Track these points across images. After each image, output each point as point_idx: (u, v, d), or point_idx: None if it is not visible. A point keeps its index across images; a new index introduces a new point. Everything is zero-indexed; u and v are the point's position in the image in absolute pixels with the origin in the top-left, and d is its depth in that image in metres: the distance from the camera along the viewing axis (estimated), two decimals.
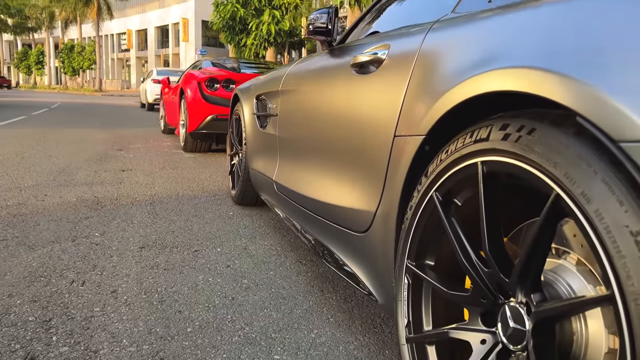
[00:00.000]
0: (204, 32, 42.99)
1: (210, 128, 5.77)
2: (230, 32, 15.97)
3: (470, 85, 0.95)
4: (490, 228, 0.92)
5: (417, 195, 1.13)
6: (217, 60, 7.23)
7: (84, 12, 40.71)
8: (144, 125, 10.38)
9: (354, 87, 1.60)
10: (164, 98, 8.41)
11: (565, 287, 0.88)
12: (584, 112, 0.70)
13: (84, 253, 2.32)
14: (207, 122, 5.69)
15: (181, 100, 6.41)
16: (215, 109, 5.66)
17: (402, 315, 1.18)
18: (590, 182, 0.70)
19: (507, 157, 0.86)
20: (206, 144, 6.32)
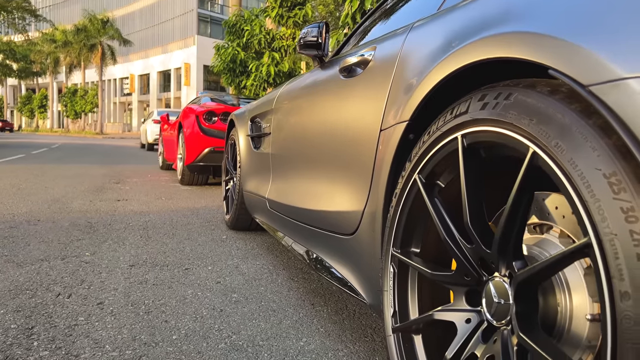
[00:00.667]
0: (205, 77, 43.86)
1: (207, 160, 5.79)
2: (231, 74, 16.26)
3: (446, 64, 0.97)
4: (472, 201, 0.92)
5: (401, 181, 1.13)
6: (216, 96, 7.35)
7: (88, 57, 41.65)
8: (142, 162, 10.43)
9: (341, 91, 1.62)
10: (163, 135, 8.49)
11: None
12: (555, 64, 0.71)
13: (72, 270, 2.29)
14: (205, 155, 5.72)
15: (179, 134, 6.47)
16: (213, 142, 5.71)
17: (388, 306, 1.15)
18: (563, 133, 0.70)
19: (485, 126, 0.87)
20: (203, 177, 6.34)
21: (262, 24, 14.65)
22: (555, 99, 0.74)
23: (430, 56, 1.09)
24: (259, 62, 14.63)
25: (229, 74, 16.09)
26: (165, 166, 8.57)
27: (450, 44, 1.00)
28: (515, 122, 0.79)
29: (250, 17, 15.25)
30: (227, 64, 15.89)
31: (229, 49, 15.50)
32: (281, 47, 14.07)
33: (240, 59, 15.41)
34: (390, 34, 1.48)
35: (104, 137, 36.56)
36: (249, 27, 14.68)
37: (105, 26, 39.75)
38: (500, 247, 0.84)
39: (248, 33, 14.49)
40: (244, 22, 15.22)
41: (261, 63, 14.43)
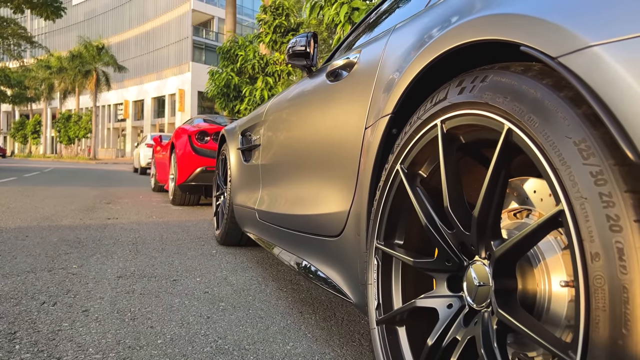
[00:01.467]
0: (200, 102, 44.10)
1: (199, 180, 5.79)
2: (225, 99, 16.39)
3: (423, 57, 1.00)
4: (452, 186, 0.93)
5: (385, 173, 1.14)
6: (209, 117, 7.39)
7: (82, 83, 41.80)
8: (134, 185, 10.40)
9: (328, 95, 1.64)
10: (156, 157, 8.49)
11: None
12: (526, 41, 0.73)
13: (59, 281, 2.27)
14: (197, 174, 5.72)
15: (171, 155, 6.47)
16: (205, 161, 5.71)
17: (373, 298, 1.15)
18: (536, 107, 0.72)
19: (463, 109, 0.88)
20: (195, 197, 6.32)
21: (256, 50, 14.84)
22: (528, 76, 0.76)
23: (408, 52, 1.12)
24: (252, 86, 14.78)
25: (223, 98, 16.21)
26: (157, 188, 8.55)
27: (425, 38, 1.03)
28: (491, 102, 0.81)
29: (244, 43, 15.45)
30: (221, 89, 16.02)
31: (222, 74, 15.65)
32: (275, 72, 14.23)
33: (234, 84, 15.54)
34: (375, 38, 1.51)
35: (97, 162, 36.48)
36: (243, 53, 14.86)
37: (100, 53, 40.05)
38: (479, 227, 0.85)
39: (242, 58, 14.66)
40: (238, 47, 15.41)
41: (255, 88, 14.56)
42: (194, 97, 43.90)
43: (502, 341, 0.81)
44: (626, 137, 0.57)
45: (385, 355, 1.08)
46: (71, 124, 44.17)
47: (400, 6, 1.81)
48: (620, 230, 0.58)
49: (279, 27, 13.77)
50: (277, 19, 13.77)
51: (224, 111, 16.75)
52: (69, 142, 45.74)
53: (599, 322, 0.59)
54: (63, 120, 44.65)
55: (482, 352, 0.80)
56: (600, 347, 0.59)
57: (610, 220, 0.59)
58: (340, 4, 7.34)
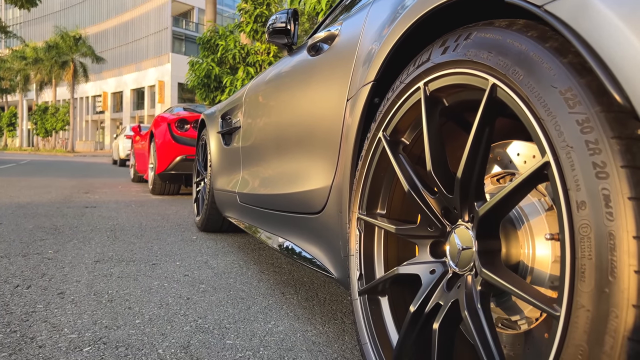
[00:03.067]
0: (180, 94, 43.61)
1: (179, 169, 5.71)
2: (206, 89, 16.22)
3: (405, 19, 0.97)
4: (434, 149, 0.91)
5: (367, 142, 1.12)
6: (189, 105, 7.30)
7: (59, 75, 40.96)
8: (113, 176, 10.24)
9: (309, 70, 1.61)
10: (135, 147, 8.37)
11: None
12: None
13: (33, 265, 2.21)
14: (177, 163, 5.64)
15: (151, 144, 6.38)
16: (185, 150, 5.64)
17: (355, 269, 1.13)
18: (520, 60, 0.70)
19: (447, 69, 0.86)
20: (175, 187, 6.24)
21: (237, 39, 14.69)
22: (513, 30, 0.74)
23: (389, 17, 1.10)
24: (233, 77, 14.65)
25: (204, 89, 16.04)
26: (137, 178, 8.43)
27: (406, 2, 1.01)
28: (475, 59, 0.79)
29: (224, 33, 15.28)
30: (202, 80, 15.85)
31: (203, 64, 15.47)
32: (256, 62, 14.11)
33: (215, 74, 15.38)
34: (356, 9, 1.49)
35: (75, 155, 35.89)
36: (224, 42, 14.69)
37: (77, 43, 39.27)
38: (462, 189, 0.83)
39: (222, 48, 14.50)
40: (218, 37, 15.23)
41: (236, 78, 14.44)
42: (174, 88, 43.41)
43: (486, 303, 0.79)
44: (615, 82, 0.56)
45: (367, 325, 1.06)
46: (48, 116, 43.35)
47: None
48: (607, 177, 0.57)
49: (260, 17, 13.64)
50: (258, 8, 13.64)
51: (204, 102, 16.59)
52: (46, 135, 44.91)
53: (585, 272, 0.58)
54: (40, 113, 43.80)
55: (466, 314, 0.79)
56: (586, 296, 0.58)
57: (597, 168, 0.58)
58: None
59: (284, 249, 1.81)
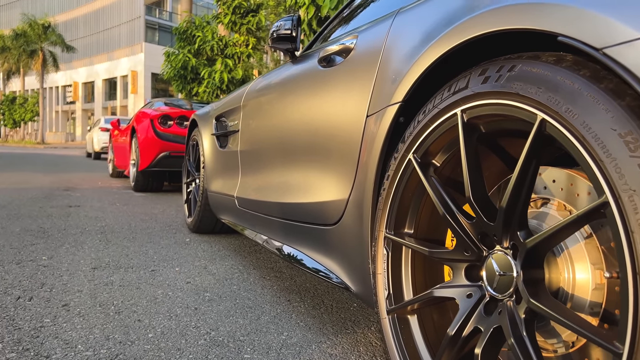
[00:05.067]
0: (154, 84, 42.88)
1: (163, 165, 5.65)
2: (182, 81, 15.99)
3: (443, 42, 0.98)
4: (473, 176, 0.92)
5: (394, 162, 1.13)
6: (170, 100, 7.19)
7: (28, 64, 39.78)
8: (91, 170, 10.05)
9: (321, 81, 1.61)
10: (114, 141, 8.21)
11: None
12: (565, 32, 0.72)
13: (30, 274, 2.16)
14: (160, 159, 5.57)
15: (132, 139, 6.27)
16: (169, 146, 5.57)
17: (382, 288, 1.14)
18: (574, 99, 0.72)
19: (488, 99, 0.88)
20: (158, 183, 6.16)
21: (215, 31, 14.50)
22: (563, 67, 0.75)
23: (422, 37, 1.10)
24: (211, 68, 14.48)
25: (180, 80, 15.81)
26: (116, 173, 8.29)
27: (444, 23, 1.01)
28: (522, 92, 0.80)
29: (201, 24, 15.05)
30: (178, 71, 15.62)
31: (179, 55, 15.23)
32: (234, 54, 13.97)
33: (192, 66, 15.17)
34: (372, 23, 1.49)
35: (46, 146, 35.04)
36: (201, 34, 14.48)
37: (46, 32, 38.16)
38: (505, 218, 0.85)
39: (200, 39, 14.28)
40: (195, 28, 15.00)
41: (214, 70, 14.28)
42: (147, 78, 42.68)
43: (531, 330, 0.82)
44: None
45: (398, 345, 1.08)
46: (16, 106, 42.16)
47: None
48: None
49: (239, 8, 13.49)
50: (236, 0, 13.47)
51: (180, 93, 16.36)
52: (15, 126, 43.71)
53: None
54: (7, 103, 42.55)
55: (512, 342, 0.80)
56: None
57: None
58: None
59: (291, 257, 1.81)
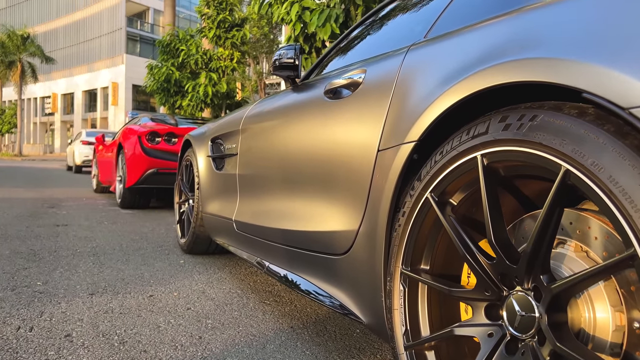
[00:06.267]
0: (135, 96, 42.56)
1: (150, 182, 5.61)
2: (165, 94, 15.92)
3: (470, 83, 1.00)
4: (494, 219, 0.95)
5: (410, 200, 1.15)
6: (156, 115, 7.16)
7: (6, 75, 39.12)
8: (73, 185, 9.90)
9: (328, 112, 1.63)
10: (98, 156, 8.12)
11: (569, 272, 0.91)
12: (591, 89, 0.76)
13: (27, 301, 2.13)
14: (147, 176, 5.54)
15: (119, 156, 6.22)
16: (156, 163, 5.54)
17: (400, 324, 1.16)
18: (599, 153, 0.75)
19: (509, 146, 0.91)
20: (144, 200, 6.10)
21: (199, 44, 14.49)
22: (586, 121, 0.79)
23: (441, 78, 1.13)
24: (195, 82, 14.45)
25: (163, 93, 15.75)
26: (100, 189, 8.19)
27: (465, 67, 1.05)
28: (545, 142, 0.83)
29: (185, 37, 15.04)
30: (161, 84, 15.56)
31: (162, 68, 15.19)
32: (219, 68, 13.97)
33: (175, 79, 15.12)
34: (381, 57, 1.52)
35: (23, 159, 34.43)
36: (185, 47, 14.46)
37: (25, 43, 37.62)
38: (529, 262, 0.88)
39: (184, 53, 14.25)
40: (178, 41, 14.98)
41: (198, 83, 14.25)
42: (128, 90, 42.36)
43: None
44: None
45: None
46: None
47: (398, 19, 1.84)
48: None
49: (223, 22, 13.52)
50: (220, 14, 13.51)
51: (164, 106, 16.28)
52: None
53: None
54: None
55: None
56: None
57: None
58: (291, 3, 7.29)
59: (296, 285, 1.82)
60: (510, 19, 1.03)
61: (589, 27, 0.81)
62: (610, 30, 0.77)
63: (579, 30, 0.82)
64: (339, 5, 6.55)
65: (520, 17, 1.00)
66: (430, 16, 1.56)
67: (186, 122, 6.84)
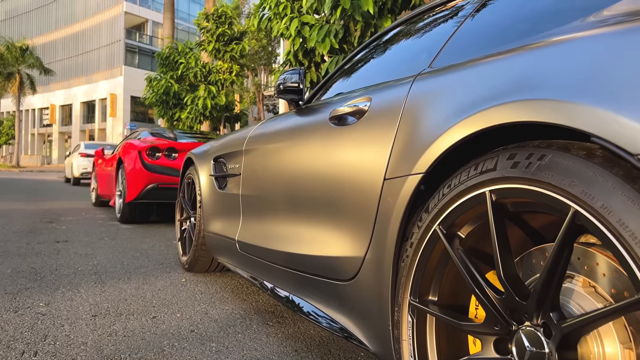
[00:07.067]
0: (133, 108, 42.65)
1: (150, 197, 5.62)
2: (164, 106, 15.96)
3: (479, 119, 1.02)
4: (503, 254, 0.96)
5: (418, 231, 1.17)
6: (156, 130, 7.18)
7: (4, 86, 39.18)
8: (72, 198, 9.89)
9: (333, 138, 1.65)
10: (97, 170, 8.13)
11: (577, 307, 0.93)
12: (600, 133, 0.77)
13: (30, 324, 2.13)
14: (148, 191, 5.55)
15: (119, 170, 6.23)
16: (157, 178, 5.56)
17: (408, 355, 1.17)
18: (608, 196, 0.77)
19: (518, 183, 0.92)
20: (144, 215, 6.09)
21: (198, 57, 14.57)
22: (595, 163, 0.80)
23: (449, 112, 1.14)
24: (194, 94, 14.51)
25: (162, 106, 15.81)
26: (99, 203, 8.19)
27: (475, 102, 1.06)
28: (554, 183, 0.85)
29: (184, 50, 15.13)
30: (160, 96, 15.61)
31: (162, 80, 15.26)
32: (218, 81, 14.04)
33: (174, 91, 15.19)
34: (386, 85, 1.54)
35: (21, 170, 34.40)
36: (184, 60, 14.53)
37: (24, 54, 37.77)
38: (538, 300, 0.89)
39: (183, 66, 14.32)
40: (177, 54, 15.07)
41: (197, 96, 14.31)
42: (127, 102, 42.45)
43: None
44: None
45: None
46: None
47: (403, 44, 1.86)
48: None
49: (222, 36, 13.61)
50: (220, 27, 13.60)
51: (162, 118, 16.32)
52: None
53: None
54: None
55: None
56: None
57: None
58: (290, 19, 7.35)
59: (300, 309, 1.82)
60: (522, 54, 1.05)
61: (600, 71, 0.82)
62: (622, 75, 0.79)
63: (590, 73, 0.84)
64: (338, 21, 6.60)
65: (532, 54, 1.01)
66: (436, 44, 1.58)
67: (186, 137, 6.86)
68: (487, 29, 1.42)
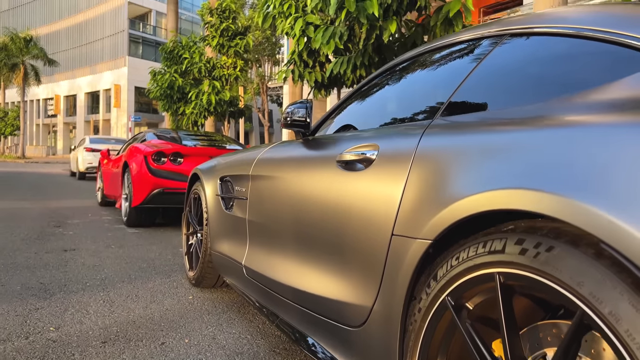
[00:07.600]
0: (137, 98, 42.66)
1: (156, 202, 5.65)
2: (168, 100, 15.95)
3: (491, 198, 1.02)
4: (510, 335, 0.98)
5: (427, 298, 1.18)
6: (161, 132, 7.19)
7: (9, 77, 39.23)
8: (78, 196, 9.95)
9: (341, 183, 1.66)
10: (103, 169, 8.17)
11: None
12: (611, 242, 0.78)
13: (41, 353, 2.16)
14: (154, 196, 5.58)
15: (124, 174, 6.26)
16: (162, 182, 5.58)
17: None
18: (617, 303, 0.77)
19: (526, 272, 0.93)
20: (150, 218, 6.13)
21: (201, 52, 14.53)
22: (604, 265, 0.81)
23: (459, 180, 1.14)
24: (198, 89, 14.49)
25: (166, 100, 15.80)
26: (104, 202, 8.24)
27: (489, 178, 1.05)
28: (562, 279, 0.86)
29: (188, 44, 15.07)
30: (164, 90, 15.61)
31: (166, 74, 15.24)
32: (222, 76, 14.00)
33: (178, 86, 15.17)
34: (394, 133, 1.54)
35: (27, 161, 34.57)
36: (188, 55, 14.49)
37: (28, 45, 37.73)
38: None
39: (187, 61, 14.28)
40: (181, 48, 15.02)
41: (201, 91, 14.30)
42: (131, 93, 42.46)
43: None
44: None
45: None
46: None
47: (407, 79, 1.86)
48: None
49: (226, 31, 13.55)
50: (224, 22, 13.54)
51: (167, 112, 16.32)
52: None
53: None
54: None
55: None
56: None
57: None
58: (295, 18, 7.31)
59: (305, 343, 1.84)
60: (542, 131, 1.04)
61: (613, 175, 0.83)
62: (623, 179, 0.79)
63: (609, 181, 0.84)
64: (343, 23, 6.56)
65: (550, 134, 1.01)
66: (446, 89, 1.58)
67: (190, 139, 6.87)
68: (500, 76, 1.41)
